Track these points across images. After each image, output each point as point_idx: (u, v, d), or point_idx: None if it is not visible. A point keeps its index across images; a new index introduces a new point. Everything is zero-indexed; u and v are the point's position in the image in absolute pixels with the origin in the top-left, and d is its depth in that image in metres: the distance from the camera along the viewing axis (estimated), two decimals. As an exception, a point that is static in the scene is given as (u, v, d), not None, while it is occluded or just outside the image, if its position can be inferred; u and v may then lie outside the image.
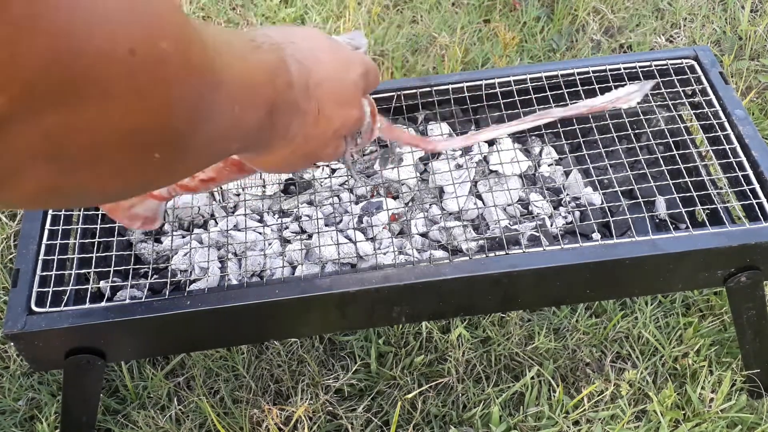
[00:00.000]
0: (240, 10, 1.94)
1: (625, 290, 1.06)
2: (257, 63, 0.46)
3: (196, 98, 0.35)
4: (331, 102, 0.56)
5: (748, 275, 0.97)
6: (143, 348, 1.00)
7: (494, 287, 0.96)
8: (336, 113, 0.57)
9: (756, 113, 1.62)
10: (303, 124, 0.54)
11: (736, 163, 1.02)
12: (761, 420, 1.15)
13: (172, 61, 0.31)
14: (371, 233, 1.06)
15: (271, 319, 0.97)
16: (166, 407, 1.20)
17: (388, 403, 1.19)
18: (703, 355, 1.23)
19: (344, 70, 0.58)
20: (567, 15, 1.88)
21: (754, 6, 1.90)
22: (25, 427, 1.19)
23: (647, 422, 1.15)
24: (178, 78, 0.32)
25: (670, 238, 0.94)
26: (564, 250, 0.94)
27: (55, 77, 0.25)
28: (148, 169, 0.35)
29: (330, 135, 0.58)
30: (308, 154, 0.58)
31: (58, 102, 0.26)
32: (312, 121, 0.55)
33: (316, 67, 0.54)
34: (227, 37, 0.42)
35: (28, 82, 0.24)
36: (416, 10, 1.91)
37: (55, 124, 0.27)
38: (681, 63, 1.15)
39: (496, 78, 1.14)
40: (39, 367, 1.02)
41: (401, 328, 1.28)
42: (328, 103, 0.56)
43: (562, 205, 1.10)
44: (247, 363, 1.24)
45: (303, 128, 0.54)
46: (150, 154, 0.33)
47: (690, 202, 1.05)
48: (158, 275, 1.04)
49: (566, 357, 1.24)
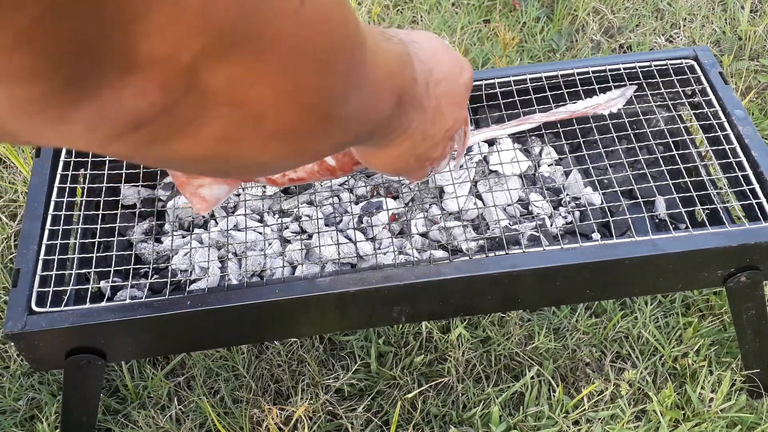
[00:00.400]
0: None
1: (625, 290, 1.07)
2: (391, 50, 0.47)
3: (351, 63, 0.36)
4: (447, 101, 0.58)
5: (748, 275, 0.97)
6: (143, 348, 1.00)
7: (494, 287, 0.96)
8: (450, 112, 0.59)
9: (756, 113, 1.62)
10: (423, 119, 0.56)
11: (736, 163, 1.02)
12: (761, 420, 1.15)
13: (334, 19, 0.33)
14: (371, 233, 1.06)
15: (271, 319, 0.97)
16: (166, 407, 1.20)
17: (388, 403, 1.19)
18: (703, 355, 1.23)
19: (458, 72, 0.60)
20: (567, 15, 1.88)
21: (754, 6, 1.90)
22: (26, 427, 1.20)
23: (647, 422, 1.15)
24: (339, 37, 0.34)
25: (669, 238, 0.94)
26: (564, 250, 0.94)
27: (241, 29, 0.27)
28: (301, 137, 0.36)
29: (442, 135, 0.60)
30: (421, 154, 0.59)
31: (243, 52, 0.28)
32: (430, 117, 0.57)
33: (437, 66, 0.56)
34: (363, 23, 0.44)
35: (220, 31, 0.27)
36: (416, 11, 1.91)
37: (239, 73, 0.29)
38: (681, 63, 1.15)
39: (496, 78, 1.14)
40: (39, 366, 1.02)
41: (401, 328, 1.28)
42: (444, 101, 0.58)
43: (562, 205, 1.10)
44: (248, 363, 1.24)
45: (423, 124, 0.56)
46: (310, 118, 0.35)
47: (690, 202, 1.06)
48: (158, 275, 1.04)
49: (566, 357, 1.24)
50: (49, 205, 1.02)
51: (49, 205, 1.02)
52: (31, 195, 1.02)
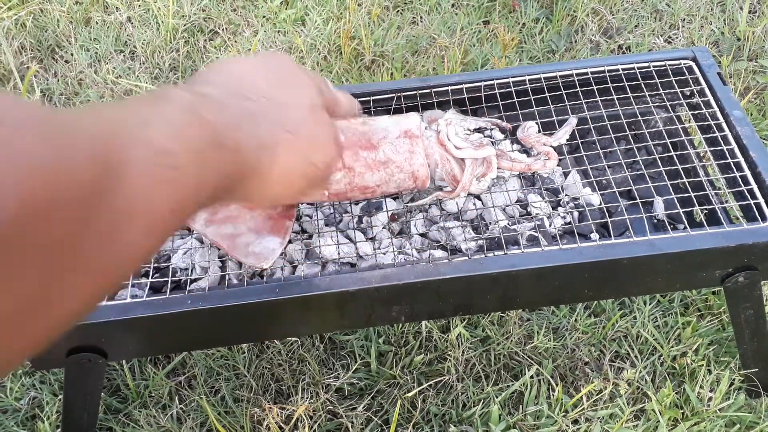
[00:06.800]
0: (241, 12, 1.95)
1: (624, 290, 1.07)
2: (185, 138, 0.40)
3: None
4: (300, 130, 0.57)
5: (746, 275, 0.98)
6: (144, 347, 1.01)
7: (493, 287, 0.97)
8: (305, 137, 0.58)
9: (754, 114, 1.62)
10: (273, 154, 0.53)
11: (734, 163, 1.03)
12: (759, 419, 1.16)
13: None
14: (371, 233, 1.07)
15: (271, 318, 0.97)
16: (167, 406, 1.21)
17: (388, 402, 1.19)
18: (702, 355, 1.23)
19: (289, 93, 0.58)
20: (566, 16, 1.89)
21: (753, 7, 1.91)
22: (27, 426, 1.20)
23: (646, 421, 1.16)
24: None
25: (668, 239, 0.94)
26: (562, 250, 0.94)
27: None
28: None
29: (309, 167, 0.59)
30: (300, 174, 0.58)
31: None
32: (284, 148, 0.55)
33: (266, 106, 0.54)
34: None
35: None
36: (416, 12, 1.91)
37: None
38: (679, 64, 1.15)
39: (495, 79, 1.15)
40: (40, 365, 1.03)
41: (401, 328, 1.28)
42: (297, 131, 0.56)
43: (560, 206, 1.11)
44: (248, 362, 1.25)
45: (275, 158, 0.53)
46: None
47: (688, 203, 1.06)
48: (159, 274, 1.04)
49: (565, 356, 1.25)
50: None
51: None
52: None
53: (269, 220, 1.02)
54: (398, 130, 0.98)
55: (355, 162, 0.97)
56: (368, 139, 0.98)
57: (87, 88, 1.75)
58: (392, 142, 0.98)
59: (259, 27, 1.89)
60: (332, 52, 1.81)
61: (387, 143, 0.98)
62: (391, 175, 0.98)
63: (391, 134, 0.98)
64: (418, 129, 0.99)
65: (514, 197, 1.10)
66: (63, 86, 1.76)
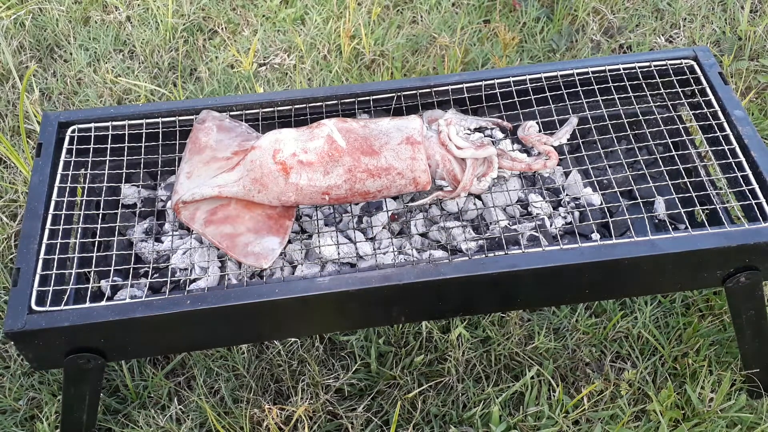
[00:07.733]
0: (240, 11, 1.95)
1: (625, 290, 1.07)
2: None
3: None
4: None
5: (747, 275, 0.97)
6: (143, 347, 1.01)
7: (493, 287, 0.96)
8: None
9: (755, 113, 1.62)
10: None
11: (735, 163, 1.02)
12: (761, 420, 1.15)
13: None
14: (371, 233, 1.06)
15: (271, 318, 0.97)
16: (166, 407, 1.20)
17: (388, 403, 1.19)
18: (703, 355, 1.23)
19: None
20: (567, 15, 1.88)
21: (754, 6, 1.90)
22: (26, 427, 1.20)
23: (647, 422, 1.15)
24: None
25: (669, 239, 0.94)
26: (563, 250, 0.94)
27: None
28: None
29: None
30: None
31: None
32: None
33: None
34: None
35: None
36: (416, 11, 1.91)
37: None
38: (680, 63, 1.15)
39: (496, 78, 1.15)
40: (39, 366, 1.02)
41: (401, 328, 1.28)
42: None
43: (561, 206, 1.10)
44: (248, 363, 1.24)
45: None
46: None
47: (689, 203, 1.06)
48: (158, 274, 1.04)
49: (566, 357, 1.25)
50: (50, 205, 1.02)
51: (49, 204, 1.02)
52: (31, 194, 1.02)
53: (269, 219, 1.01)
54: (400, 136, 0.98)
55: (357, 168, 0.97)
56: (370, 145, 0.97)
57: (86, 87, 1.75)
58: (394, 149, 0.97)
59: (259, 26, 1.88)
60: (332, 51, 1.80)
61: (389, 150, 0.97)
62: (393, 182, 0.98)
63: (393, 140, 0.98)
64: (420, 135, 0.98)
65: (514, 197, 1.10)
66: (62, 85, 1.76)
